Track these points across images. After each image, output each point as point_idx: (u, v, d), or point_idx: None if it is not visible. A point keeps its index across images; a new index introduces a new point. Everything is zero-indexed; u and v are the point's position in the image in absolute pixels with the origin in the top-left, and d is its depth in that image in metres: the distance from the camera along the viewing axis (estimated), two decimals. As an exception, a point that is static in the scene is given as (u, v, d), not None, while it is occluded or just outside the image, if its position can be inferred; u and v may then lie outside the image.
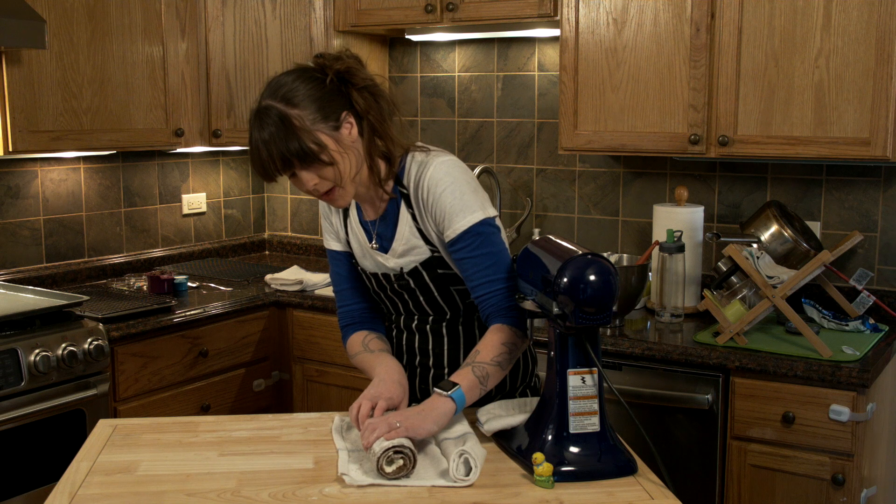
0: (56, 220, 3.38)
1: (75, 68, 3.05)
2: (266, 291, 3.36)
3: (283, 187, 4.17)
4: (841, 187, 2.97)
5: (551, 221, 3.52)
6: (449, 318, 2.02)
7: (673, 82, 2.84)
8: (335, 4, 3.45)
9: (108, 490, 1.62)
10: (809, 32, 2.62)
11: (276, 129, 1.78)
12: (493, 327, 1.88)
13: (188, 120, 3.45)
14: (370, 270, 2.03)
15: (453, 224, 1.89)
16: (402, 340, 2.09)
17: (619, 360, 2.66)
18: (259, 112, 1.81)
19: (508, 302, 1.89)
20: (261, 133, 1.79)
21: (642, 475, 1.69)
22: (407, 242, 1.95)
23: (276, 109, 1.80)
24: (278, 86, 1.84)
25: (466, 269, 1.91)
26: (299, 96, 1.81)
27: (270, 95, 1.83)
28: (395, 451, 1.64)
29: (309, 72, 1.86)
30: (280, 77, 1.86)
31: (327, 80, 1.84)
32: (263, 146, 1.79)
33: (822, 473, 2.43)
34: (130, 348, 2.89)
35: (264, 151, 1.79)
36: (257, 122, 1.81)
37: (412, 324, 2.06)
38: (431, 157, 1.93)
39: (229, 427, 1.93)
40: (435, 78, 3.70)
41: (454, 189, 1.89)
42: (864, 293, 2.75)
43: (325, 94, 1.83)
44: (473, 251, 1.89)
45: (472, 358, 1.84)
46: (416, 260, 1.96)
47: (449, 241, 1.91)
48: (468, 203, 1.89)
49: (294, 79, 1.84)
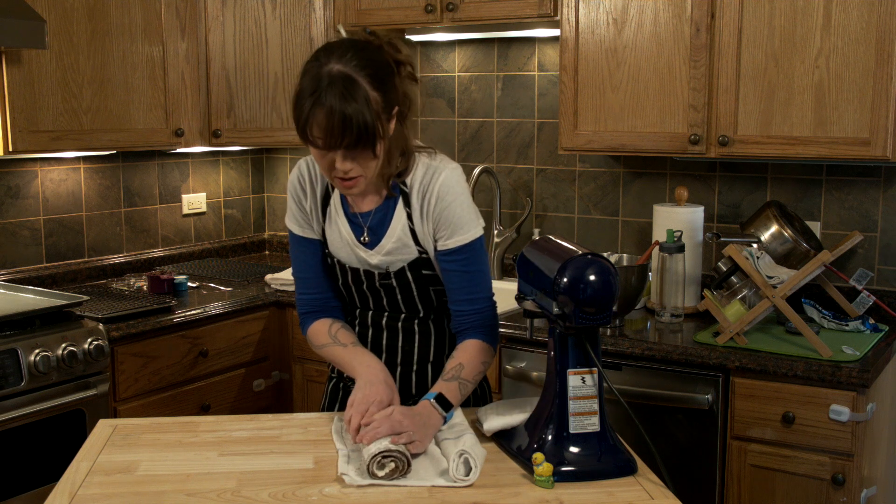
0: (56, 220, 3.38)
1: (75, 68, 3.05)
2: (266, 291, 3.36)
3: (283, 187, 4.17)
4: (841, 187, 2.97)
5: (551, 221, 3.52)
6: (421, 316, 2.02)
7: (673, 82, 2.84)
8: (335, 4, 3.46)
9: (108, 490, 1.62)
10: (809, 32, 2.62)
11: (360, 105, 1.70)
12: (473, 342, 1.93)
13: (188, 120, 3.45)
14: (349, 264, 2.00)
15: (455, 235, 1.90)
16: (368, 336, 2.06)
17: (619, 360, 2.66)
18: (344, 79, 1.71)
19: (491, 321, 1.96)
20: (343, 103, 1.69)
21: (642, 475, 1.69)
22: (398, 241, 1.93)
23: (362, 86, 1.72)
24: (365, 60, 1.75)
25: (453, 280, 1.93)
26: (379, 79, 1.75)
27: (356, 66, 1.74)
28: (384, 455, 1.64)
29: (379, 52, 1.80)
30: (360, 47, 1.78)
31: (394, 67, 1.80)
32: (340, 116, 1.69)
33: (822, 473, 2.43)
34: (130, 348, 2.88)
35: (337, 121, 1.69)
36: (340, 88, 1.70)
37: (382, 320, 2.04)
38: (441, 163, 1.92)
39: (229, 427, 1.93)
40: (435, 78, 3.70)
41: (463, 201, 1.90)
42: (864, 293, 2.75)
43: (391, 81, 1.79)
44: (465, 266, 1.92)
45: (457, 372, 1.87)
46: (404, 260, 1.95)
47: (445, 249, 1.91)
48: (472, 217, 1.92)
49: (373, 55, 1.77)
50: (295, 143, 3.56)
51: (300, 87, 1.75)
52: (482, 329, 1.94)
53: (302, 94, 1.74)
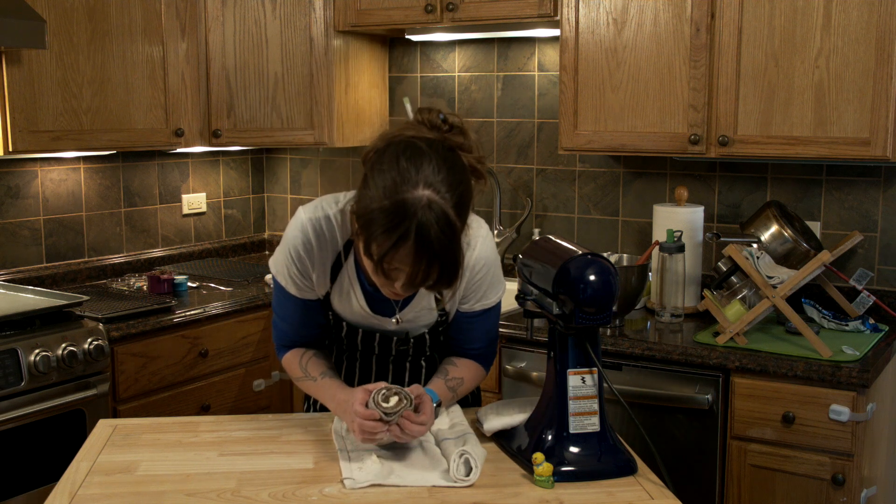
0: (56, 220, 3.38)
1: (75, 68, 3.05)
2: (266, 291, 3.36)
3: (283, 187, 4.17)
4: (841, 187, 2.97)
5: (551, 221, 3.52)
6: (428, 355, 2.01)
7: (673, 82, 2.84)
8: (335, 4, 3.46)
9: (108, 490, 1.62)
10: (809, 32, 2.62)
11: (455, 253, 1.55)
12: (475, 366, 1.96)
13: (188, 120, 3.45)
14: (362, 328, 1.90)
15: (483, 300, 1.90)
16: (371, 378, 1.99)
17: (619, 360, 2.66)
18: (440, 216, 1.51)
19: (492, 355, 2.00)
20: (441, 253, 1.52)
21: (642, 475, 1.69)
22: (421, 309, 1.88)
23: (456, 225, 1.55)
24: (454, 181, 1.56)
25: (470, 330, 1.93)
26: (463, 205, 1.57)
27: (447, 191, 1.53)
28: (388, 389, 1.67)
29: (460, 162, 1.62)
30: (448, 164, 1.57)
31: (469, 174, 1.63)
32: (433, 265, 1.53)
33: (822, 473, 2.43)
34: (130, 348, 2.88)
35: (432, 270, 1.54)
36: (437, 231, 1.51)
37: (388, 362, 1.98)
38: (473, 233, 1.80)
39: (229, 427, 1.94)
40: (435, 78, 3.70)
41: (495, 271, 1.89)
42: (864, 293, 2.75)
43: (471, 200, 1.63)
44: (483, 322, 1.93)
45: (457, 385, 1.90)
46: (426, 325, 1.91)
47: (471, 311, 1.91)
48: (500, 282, 1.92)
49: (458, 171, 1.59)
50: (295, 143, 3.56)
51: (377, 198, 1.53)
52: (485, 360, 1.98)
53: (383, 215, 1.52)
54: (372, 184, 1.56)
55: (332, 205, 1.81)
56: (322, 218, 1.79)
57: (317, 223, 1.79)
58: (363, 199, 1.57)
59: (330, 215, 1.79)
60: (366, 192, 1.57)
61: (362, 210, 1.56)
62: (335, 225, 1.79)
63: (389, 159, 1.56)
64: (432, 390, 1.82)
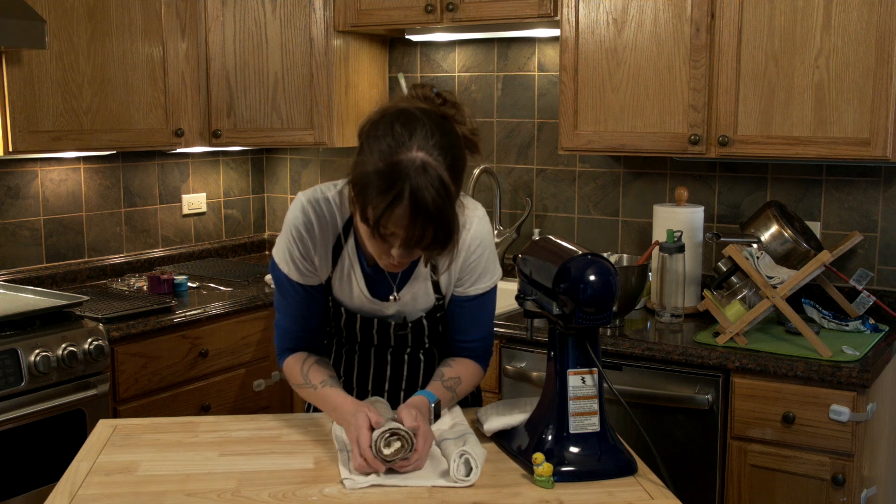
0: (56, 220, 3.38)
1: (75, 68, 3.05)
2: (266, 291, 3.36)
3: (283, 187, 4.17)
4: (841, 187, 2.97)
5: (551, 221, 3.52)
6: (426, 347, 2.01)
7: (673, 82, 2.84)
8: (335, 4, 3.46)
9: (108, 490, 1.62)
10: (809, 32, 2.62)
11: (450, 211, 1.56)
12: (473, 364, 1.96)
13: (188, 120, 3.45)
14: (361, 313, 1.91)
15: (478, 284, 1.90)
16: (370, 372, 2.00)
17: (619, 360, 2.66)
18: (433, 176, 1.54)
19: (489, 350, 1.99)
20: (435, 211, 1.53)
21: (642, 475, 1.69)
22: (418, 291, 1.88)
23: (450, 186, 1.57)
24: (446, 145, 1.59)
25: (463, 318, 1.93)
26: (457, 169, 1.60)
27: (439, 155, 1.56)
28: (391, 433, 1.64)
29: (453, 129, 1.65)
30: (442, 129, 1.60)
31: (463, 143, 1.66)
32: (430, 223, 1.55)
33: (822, 473, 2.43)
34: (130, 348, 2.88)
35: (428, 230, 1.55)
36: (432, 192, 1.54)
37: (386, 354, 1.98)
38: (470, 212, 1.83)
39: (229, 427, 1.94)
40: (435, 78, 3.70)
41: (490, 252, 1.89)
42: (864, 293, 2.75)
43: (464, 166, 1.64)
44: (478, 309, 1.93)
45: (455, 384, 1.89)
46: (423, 309, 1.91)
47: (464, 296, 1.91)
48: (495, 265, 1.92)
49: (451, 137, 1.61)
50: (294, 143, 3.56)
51: (372, 163, 1.57)
52: (481, 357, 1.98)
53: (378, 177, 1.55)
54: (367, 150, 1.59)
55: (330, 188, 1.85)
56: (321, 199, 1.83)
57: (316, 204, 1.83)
58: (359, 166, 1.60)
59: (329, 197, 1.84)
60: (361, 158, 1.60)
61: (358, 176, 1.59)
62: (334, 206, 1.83)
63: (384, 126, 1.60)
64: (430, 392, 1.82)
